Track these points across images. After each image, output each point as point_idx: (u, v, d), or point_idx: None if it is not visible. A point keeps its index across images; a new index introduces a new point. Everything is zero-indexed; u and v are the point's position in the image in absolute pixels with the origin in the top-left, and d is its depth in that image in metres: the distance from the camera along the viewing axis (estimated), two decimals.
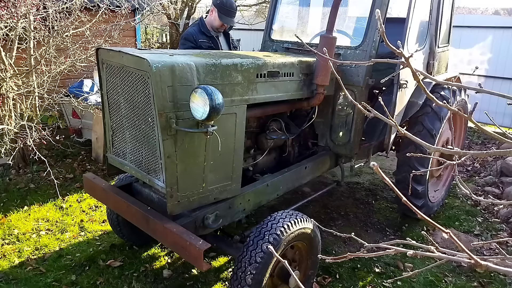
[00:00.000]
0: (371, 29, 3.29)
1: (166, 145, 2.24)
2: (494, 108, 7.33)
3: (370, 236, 3.88)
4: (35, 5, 4.17)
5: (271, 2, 4.12)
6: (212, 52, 3.02)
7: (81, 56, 4.82)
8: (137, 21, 7.57)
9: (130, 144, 2.61)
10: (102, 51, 2.57)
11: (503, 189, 4.82)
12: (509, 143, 1.03)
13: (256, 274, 2.32)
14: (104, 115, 2.76)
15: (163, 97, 2.17)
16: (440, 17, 3.95)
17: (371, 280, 3.20)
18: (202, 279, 3.11)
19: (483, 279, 3.21)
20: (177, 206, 2.41)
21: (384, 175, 0.78)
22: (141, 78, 2.29)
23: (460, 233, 3.88)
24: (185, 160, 2.35)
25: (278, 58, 2.94)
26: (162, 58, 2.21)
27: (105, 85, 2.64)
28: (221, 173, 2.62)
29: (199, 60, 2.36)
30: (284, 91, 2.95)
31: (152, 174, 2.49)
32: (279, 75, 2.85)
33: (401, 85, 3.48)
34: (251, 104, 2.69)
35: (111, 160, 2.84)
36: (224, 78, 2.46)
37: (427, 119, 3.75)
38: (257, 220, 3.87)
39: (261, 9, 9.90)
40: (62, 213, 4.07)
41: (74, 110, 5.30)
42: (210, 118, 2.11)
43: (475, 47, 7.72)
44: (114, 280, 3.06)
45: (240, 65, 2.55)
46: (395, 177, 3.97)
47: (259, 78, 2.70)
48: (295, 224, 2.52)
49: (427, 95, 0.91)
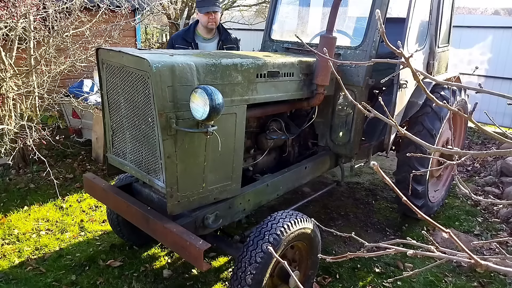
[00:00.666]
0: (371, 29, 3.28)
1: (166, 145, 2.24)
2: (494, 108, 7.33)
3: (370, 236, 3.88)
4: (35, 5, 4.17)
5: (271, 2, 4.12)
6: (212, 52, 3.02)
7: (81, 56, 4.82)
8: (137, 21, 7.57)
9: (130, 144, 2.61)
10: (102, 51, 2.57)
11: (503, 189, 4.82)
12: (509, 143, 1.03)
13: (256, 274, 2.32)
14: (104, 115, 2.76)
15: (163, 97, 2.17)
16: (440, 17, 3.95)
17: (371, 280, 3.20)
18: (202, 279, 3.11)
19: (483, 279, 3.21)
20: (177, 206, 2.41)
21: (385, 175, 0.78)
22: (141, 78, 2.29)
23: (460, 233, 3.88)
24: (185, 160, 2.35)
25: (278, 58, 2.94)
26: (162, 58, 2.21)
27: (105, 85, 2.64)
28: (221, 173, 2.62)
29: (199, 60, 2.35)
30: (284, 91, 2.94)
31: (152, 174, 2.49)
32: (279, 75, 2.85)
33: (401, 85, 3.48)
34: (251, 104, 2.69)
35: (111, 160, 2.84)
36: (224, 78, 2.46)
37: (427, 119, 3.75)
38: (257, 220, 3.87)
39: (261, 9, 9.90)
40: (62, 213, 4.07)
41: (74, 110, 5.30)
42: (210, 118, 2.11)
43: (475, 47, 7.72)
44: (114, 280, 3.06)
45: (240, 65, 2.55)
46: (395, 177, 3.97)
47: (259, 78, 2.70)
48: (295, 224, 2.52)
49: (427, 95, 0.91)
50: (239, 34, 5.61)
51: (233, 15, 10.10)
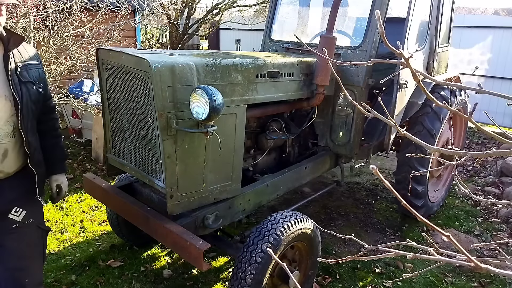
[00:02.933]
0: (371, 29, 3.29)
1: (166, 145, 2.24)
2: (494, 108, 7.34)
3: (370, 236, 3.88)
4: (35, 5, 4.18)
5: (271, 2, 4.12)
6: (212, 52, 3.02)
7: (81, 56, 4.82)
8: (137, 21, 7.57)
9: (130, 144, 2.61)
10: (102, 51, 2.57)
11: (503, 189, 4.82)
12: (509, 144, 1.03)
13: (256, 274, 2.32)
14: (104, 115, 2.76)
15: (163, 97, 2.17)
16: (440, 17, 3.96)
17: (371, 280, 3.20)
18: (202, 279, 3.11)
19: (483, 279, 3.21)
20: (177, 206, 2.41)
21: (384, 178, 0.78)
22: (141, 78, 2.29)
23: (460, 233, 3.88)
24: (185, 160, 2.35)
25: (278, 58, 2.94)
26: (162, 58, 2.21)
27: (105, 85, 2.64)
28: (221, 173, 2.62)
29: (199, 60, 2.36)
30: (284, 91, 2.95)
31: (152, 174, 2.49)
32: (279, 75, 2.86)
33: (401, 85, 3.48)
34: (251, 104, 2.69)
35: (111, 160, 2.84)
36: (224, 78, 2.46)
37: (427, 119, 3.75)
38: (257, 220, 3.87)
39: (261, 9, 9.90)
40: (62, 213, 4.07)
41: (74, 110, 5.30)
42: (210, 118, 2.11)
43: (475, 47, 7.72)
44: (114, 280, 3.06)
45: (240, 65, 2.55)
46: (395, 177, 3.97)
47: (259, 78, 2.70)
48: (295, 224, 2.52)
49: (427, 95, 0.91)
50: (239, 34, 5.61)
51: (233, 15, 10.10)
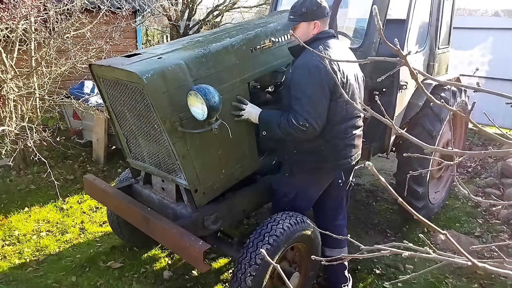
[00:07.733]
0: (371, 30, 3.28)
1: (178, 147, 2.25)
2: (495, 109, 7.30)
3: (371, 237, 3.88)
4: (35, 6, 4.18)
5: (271, 3, 4.13)
6: (201, 36, 2.81)
7: (82, 57, 4.83)
8: (138, 22, 7.58)
9: (146, 148, 2.60)
10: (95, 67, 2.49)
11: (504, 191, 4.81)
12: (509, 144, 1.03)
13: (256, 276, 2.32)
14: (114, 125, 2.75)
15: (162, 104, 2.16)
16: (440, 18, 3.95)
17: (372, 281, 3.19)
18: (202, 280, 3.11)
19: (483, 281, 3.20)
20: (204, 197, 2.46)
21: (380, 176, 0.78)
22: (136, 89, 2.26)
23: (460, 235, 3.87)
24: (200, 156, 2.37)
25: (269, 23, 2.78)
26: (151, 66, 2.17)
27: (107, 98, 2.62)
28: (237, 154, 2.62)
29: (188, 55, 2.32)
30: (283, 56, 2.75)
31: (173, 173, 2.50)
32: (274, 43, 2.72)
33: (401, 87, 3.48)
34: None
35: (133, 164, 2.84)
36: (218, 65, 2.39)
37: (427, 121, 3.74)
38: (257, 221, 3.87)
39: (262, 10, 9.92)
40: (63, 215, 4.07)
41: (75, 112, 5.31)
42: (211, 116, 2.12)
43: (476, 48, 7.72)
44: (114, 282, 3.06)
45: (230, 46, 2.46)
46: (396, 179, 3.96)
47: (254, 52, 2.58)
48: (295, 226, 2.51)
49: (425, 94, 0.91)
50: None
51: (234, 16, 10.12)
